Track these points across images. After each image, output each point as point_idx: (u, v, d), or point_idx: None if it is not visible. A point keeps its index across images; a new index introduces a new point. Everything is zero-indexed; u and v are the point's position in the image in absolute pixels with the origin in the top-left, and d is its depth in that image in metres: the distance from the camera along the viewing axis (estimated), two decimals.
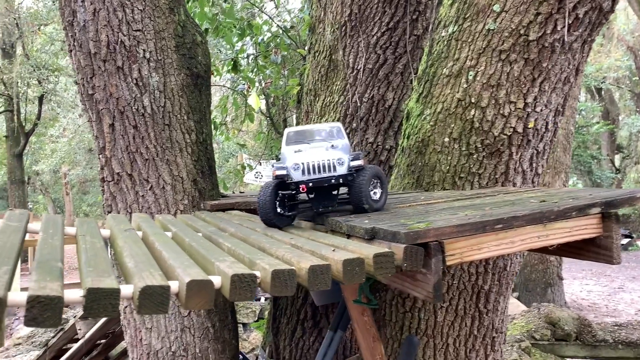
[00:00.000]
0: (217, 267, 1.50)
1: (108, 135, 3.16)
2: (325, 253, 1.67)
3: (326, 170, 2.19)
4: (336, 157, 2.21)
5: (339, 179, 2.19)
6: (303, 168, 2.20)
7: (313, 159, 2.20)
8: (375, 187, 2.30)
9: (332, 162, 2.19)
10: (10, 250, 1.43)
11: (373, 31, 4.27)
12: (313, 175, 2.20)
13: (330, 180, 2.18)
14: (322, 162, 2.19)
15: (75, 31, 3.05)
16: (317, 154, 2.24)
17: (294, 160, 2.23)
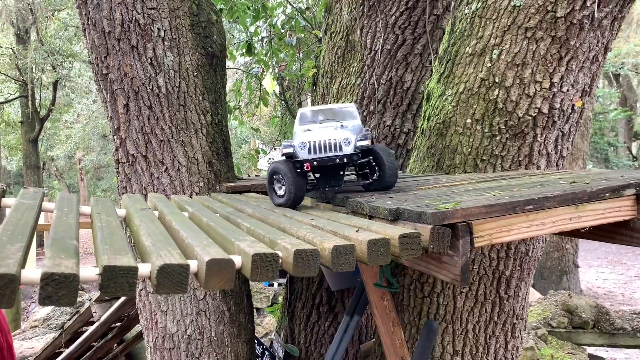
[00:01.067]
0: (237, 246, 1.44)
1: (122, 115, 3.11)
2: (348, 233, 1.60)
3: (332, 149, 2.17)
4: (343, 136, 2.18)
5: (343, 158, 2.17)
6: (309, 147, 2.18)
7: (319, 138, 2.18)
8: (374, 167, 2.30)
9: (338, 141, 2.17)
10: (24, 228, 1.38)
11: (392, 11, 4.16)
12: (318, 154, 2.18)
13: (335, 160, 2.17)
14: (328, 141, 2.17)
15: (89, 9, 2.99)
16: (324, 133, 2.21)
17: (301, 138, 2.21)
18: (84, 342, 5.29)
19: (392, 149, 4.26)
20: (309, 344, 4.57)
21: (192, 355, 3.36)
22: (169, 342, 3.37)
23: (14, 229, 1.34)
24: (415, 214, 1.68)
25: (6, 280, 1.05)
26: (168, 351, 3.38)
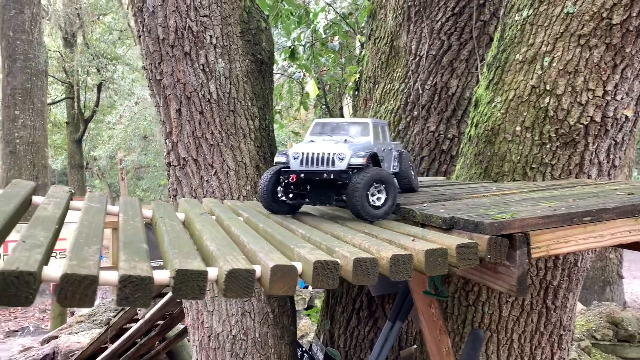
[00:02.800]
0: (297, 253, 1.47)
1: (175, 120, 3.20)
2: (404, 242, 1.62)
3: (323, 163, 2.03)
4: (338, 151, 2.03)
5: (331, 174, 2.01)
6: (302, 158, 2.07)
7: (314, 150, 2.06)
8: (380, 192, 2.06)
9: (331, 155, 2.02)
10: (96, 230, 1.45)
11: (437, 16, 4.15)
12: (309, 167, 2.06)
13: (322, 174, 2.02)
14: (321, 155, 2.04)
15: (145, 17, 3.09)
16: (323, 146, 2.09)
17: (297, 149, 2.11)
18: (129, 339, 5.44)
19: (436, 155, 4.24)
20: (349, 348, 4.58)
21: (237, 356, 3.42)
22: (214, 342, 3.44)
23: (88, 232, 1.41)
24: (472, 223, 1.69)
25: (89, 282, 1.11)
26: (213, 350, 3.46)
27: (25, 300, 1.06)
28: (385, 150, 2.43)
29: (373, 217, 2.02)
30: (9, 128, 13.95)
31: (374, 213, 2.02)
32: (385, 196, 2.06)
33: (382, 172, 2.05)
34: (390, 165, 2.51)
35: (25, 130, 14.12)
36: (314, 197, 2.14)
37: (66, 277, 1.09)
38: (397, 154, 2.62)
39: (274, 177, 2.14)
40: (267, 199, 2.17)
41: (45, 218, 1.45)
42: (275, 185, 2.16)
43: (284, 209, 2.24)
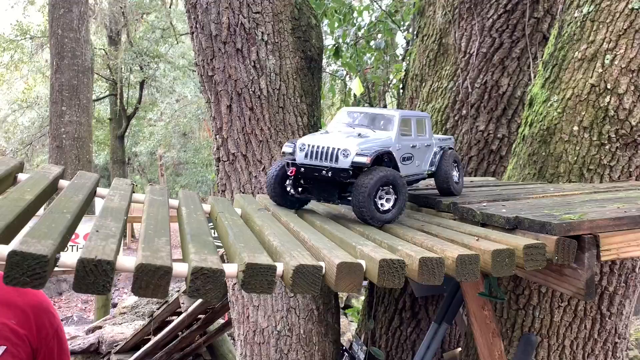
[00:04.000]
0: (360, 250, 1.45)
1: (225, 116, 3.23)
2: (467, 242, 1.58)
3: (327, 158, 1.89)
4: (343, 146, 1.87)
5: (329, 171, 1.88)
6: (307, 150, 1.93)
7: (321, 143, 1.92)
8: (388, 194, 1.90)
9: (336, 150, 1.88)
10: (163, 223, 1.46)
11: (489, 13, 4.07)
12: (311, 161, 1.93)
13: (321, 171, 1.89)
14: (327, 149, 1.90)
15: (198, 13, 3.13)
16: (332, 138, 1.95)
17: (305, 140, 1.97)
18: (171, 331, 5.53)
19: (484, 155, 4.16)
20: (390, 348, 4.54)
21: (281, 351, 3.43)
22: (259, 337, 3.46)
23: (155, 224, 1.43)
24: (538, 223, 1.64)
25: (162, 272, 1.12)
26: (258, 345, 3.47)
27: (102, 288, 1.07)
28: (418, 147, 2.22)
29: (380, 221, 1.87)
30: (56, 123, 14.39)
31: (381, 218, 1.87)
32: (394, 199, 1.91)
33: (391, 174, 1.88)
34: (424, 163, 2.31)
35: (72, 126, 14.52)
36: (317, 194, 2.03)
37: (141, 267, 1.10)
38: (438, 151, 2.40)
39: (281, 169, 2.02)
40: (273, 191, 2.06)
41: (114, 209, 1.48)
42: (283, 177, 2.04)
43: (291, 203, 2.12)
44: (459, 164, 2.48)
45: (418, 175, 2.28)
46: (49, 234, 1.14)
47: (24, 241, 1.06)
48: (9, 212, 1.20)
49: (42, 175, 1.61)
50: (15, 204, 1.27)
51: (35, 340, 1.73)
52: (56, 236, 1.15)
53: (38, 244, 1.06)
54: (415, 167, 2.23)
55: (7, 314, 1.66)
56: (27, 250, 1.02)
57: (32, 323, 1.72)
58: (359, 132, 2.04)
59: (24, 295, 1.74)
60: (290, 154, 2.00)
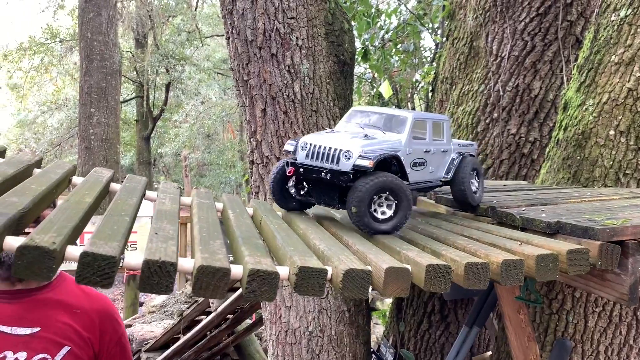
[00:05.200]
0: (405, 255, 1.48)
1: (260, 119, 3.29)
2: (510, 246, 1.60)
3: (328, 159, 1.78)
4: (346, 147, 1.75)
5: (328, 174, 1.76)
6: (309, 150, 1.83)
7: (323, 143, 1.81)
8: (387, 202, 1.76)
9: (338, 152, 1.76)
10: (214, 225, 1.51)
11: (521, 17, 4.05)
12: (312, 161, 1.82)
13: (320, 172, 1.78)
14: (328, 149, 1.78)
15: (234, 19, 3.19)
16: (335, 138, 1.83)
17: (307, 138, 1.87)
18: (200, 331, 5.62)
19: (516, 158, 4.15)
20: (418, 351, 4.55)
21: (312, 352, 3.47)
22: (291, 337, 3.50)
23: (208, 227, 1.48)
24: (580, 228, 1.65)
25: (222, 274, 1.17)
26: (290, 345, 3.52)
27: (165, 288, 1.12)
28: (433, 152, 2.07)
29: (375, 231, 1.73)
30: (84, 125, 14.67)
31: (377, 227, 1.73)
32: (393, 209, 1.76)
33: (391, 180, 1.73)
34: (439, 169, 2.16)
35: (100, 127, 14.79)
36: (317, 196, 1.91)
37: (202, 268, 1.15)
38: (457, 157, 2.23)
39: (282, 168, 1.91)
40: (275, 192, 1.97)
41: (167, 212, 1.53)
42: (284, 177, 1.93)
43: (293, 205, 2.02)
44: (480, 173, 2.32)
45: (431, 183, 2.14)
46: (113, 236, 1.19)
47: (93, 243, 1.12)
48: (74, 214, 1.26)
49: (96, 179, 1.67)
50: (77, 206, 1.34)
51: (97, 344, 1.82)
52: (120, 238, 1.20)
53: (106, 245, 1.12)
54: (429, 174, 2.09)
55: (74, 316, 1.76)
56: (97, 251, 1.07)
57: (97, 328, 1.82)
58: (367, 133, 1.92)
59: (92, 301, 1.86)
60: (292, 153, 1.91)
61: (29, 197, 1.30)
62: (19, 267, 1.03)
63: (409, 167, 1.92)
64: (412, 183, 1.96)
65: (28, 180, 1.47)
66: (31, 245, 1.03)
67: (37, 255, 1.03)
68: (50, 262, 1.04)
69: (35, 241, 1.04)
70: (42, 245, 1.03)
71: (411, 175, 1.95)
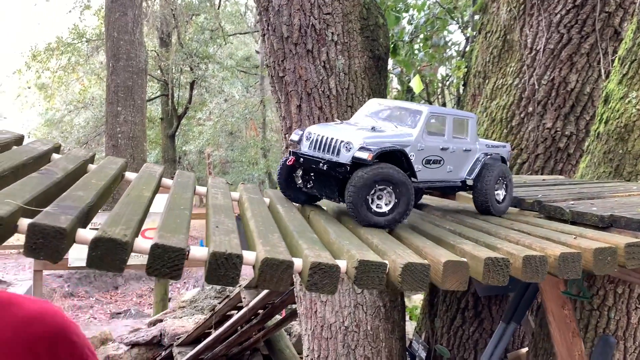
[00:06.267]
0: (461, 249, 1.48)
1: (295, 115, 3.30)
2: (565, 240, 1.58)
3: (329, 150, 1.73)
4: (347, 139, 1.69)
5: (325, 164, 1.71)
6: (312, 139, 1.79)
7: (326, 134, 1.76)
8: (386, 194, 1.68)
9: (339, 143, 1.70)
10: (269, 219, 1.53)
11: (557, 9, 3.99)
12: (312, 151, 1.78)
13: (318, 163, 1.72)
14: (330, 140, 1.73)
15: (270, 16, 3.20)
16: (340, 130, 1.78)
17: (312, 129, 1.83)
18: (232, 326, 5.67)
19: (552, 153, 4.09)
20: (452, 347, 4.52)
21: (348, 347, 3.48)
22: (327, 332, 3.51)
23: (263, 221, 1.50)
24: (636, 222, 1.62)
25: (285, 266, 1.18)
26: (325, 340, 3.53)
27: (232, 280, 1.14)
28: (452, 150, 1.95)
29: (367, 223, 1.65)
30: (112, 123, 14.88)
31: (373, 220, 1.65)
32: (393, 201, 1.67)
33: (392, 172, 1.65)
34: (460, 169, 2.03)
35: (127, 126, 14.98)
36: (319, 189, 1.85)
37: (266, 261, 1.16)
38: (483, 158, 2.06)
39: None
40: (281, 184, 1.93)
41: (222, 206, 1.55)
42: (291, 169, 1.89)
43: (300, 197, 1.98)
44: (508, 181, 2.12)
45: (449, 183, 2.00)
46: (178, 229, 1.22)
47: (161, 235, 1.14)
48: (137, 208, 1.29)
49: (150, 175, 1.70)
50: (139, 200, 1.36)
51: None
52: (184, 230, 1.23)
53: (173, 237, 1.14)
54: (446, 173, 1.96)
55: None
56: (167, 243, 1.09)
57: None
58: (377, 125, 1.84)
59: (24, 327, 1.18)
60: (298, 143, 1.87)
61: (92, 192, 1.33)
62: (93, 259, 1.05)
63: (420, 163, 1.84)
64: (423, 181, 1.86)
65: (87, 175, 1.50)
66: (105, 238, 1.05)
67: (110, 247, 1.05)
68: (122, 254, 1.06)
69: (108, 233, 1.07)
70: (115, 237, 1.06)
71: (422, 172, 1.86)
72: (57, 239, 1.02)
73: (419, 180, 1.84)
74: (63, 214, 1.11)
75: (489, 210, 2.03)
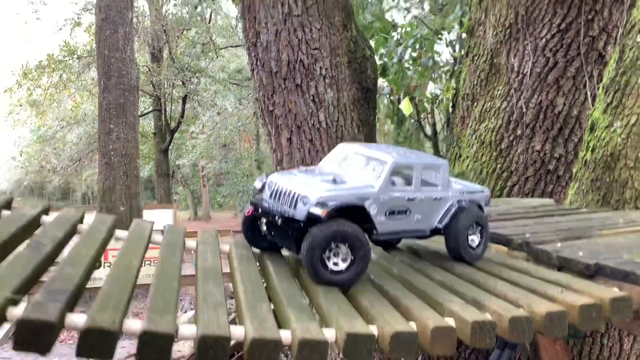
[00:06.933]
0: (449, 309, 1.49)
1: (286, 148, 3.32)
2: (552, 293, 1.60)
3: (286, 202, 1.70)
4: (304, 192, 1.65)
5: (280, 218, 1.69)
6: (272, 189, 1.76)
7: (287, 185, 1.73)
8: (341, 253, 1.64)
9: (296, 196, 1.67)
10: (258, 283, 1.54)
11: (542, 33, 4.04)
12: (271, 202, 1.75)
13: (274, 216, 1.72)
14: (289, 192, 1.70)
15: (258, 51, 3.23)
16: (299, 180, 1.75)
17: (274, 177, 1.79)
18: None
19: (541, 175, 4.12)
20: None
21: None
22: None
23: (251, 285, 1.51)
24: (620, 272, 1.65)
25: (273, 346, 1.19)
26: None
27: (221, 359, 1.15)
28: (420, 199, 1.89)
29: (330, 283, 1.61)
30: (104, 140, 14.85)
31: (331, 279, 1.62)
32: (350, 259, 1.64)
33: (345, 230, 1.61)
34: (430, 218, 1.95)
35: (119, 143, 14.95)
36: (279, 239, 1.79)
37: (255, 341, 1.18)
38: (454, 206, 2.00)
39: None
40: (245, 230, 1.92)
41: (211, 270, 1.56)
42: (254, 217, 1.87)
43: (262, 244, 1.94)
44: (484, 227, 2.05)
45: (416, 232, 1.95)
46: (167, 308, 1.23)
47: (151, 319, 1.15)
48: (126, 283, 1.30)
49: (139, 236, 1.71)
50: (128, 273, 1.37)
51: None
52: (173, 309, 1.24)
53: (162, 320, 1.15)
54: (413, 223, 1.90)
55: None
56: (156, 329, 1.10)
57: None
58: (339, 176, 1.78)
59: None
60: (260, 191, 1.83)
61: (82, 266, 1.34)
62: (84, 349, 1.06)
63: (383, 215, 1.78)
64: (387, 232, 1.81)
65: (77, 244, 1.51)
66: (95, 329, 1.06)
67: (100, 337, 1.06)
68: (112, 342, 1.07)
69: (98, 322, 1.08)
70: (105, 326, 1.07)
71: (384, 224, 1.79)
72: (46, 333, 1.03)
73: (381, 232, 1.79)
74: (52, 301, 1.12)
75: (462, 256, 1.99)
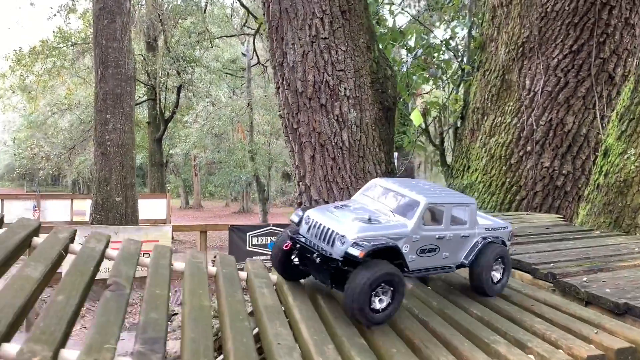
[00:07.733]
0: (496, 351, 1.61)
1: (309, 165, 3.42)
2: (587, 334, 1.72)
3: (324, 239, 1.76)
4: (342, 231, 1.72)
5: (318, 257, 1.76)
6: (310, 224, 1.83)
7: (324, 221, 1.79)
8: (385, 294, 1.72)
9: (334, 234, 1.74)
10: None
11: (554, 53, 4.16)
12: (309, 237, 1.82)
13: (312, 253, 1.78)
14: (327, 229, 1.77)
15: (285, 71, 3.31)
16: (337, 217, 1.80)
17: (311, 213, 1.86)
18: None
19: (549, 190, 4.26)
20: None
21: None
22: None
23: (313, 325, 1.61)
24: None
25: None
26: None
27: None
28: (449, 238, 1.96)
29: (371, 322, 1.70)
30: (100, 131, 14.78)
31: (373, 318, 1.70)
32: (389, 300, 1.73)
33: (387, 273, 1.69)
34: (457, 254, 2.04)
35: (115, 133, 14.88)
36: (314, 272, 1.88)
37: None
38: (480, 242, 2.08)
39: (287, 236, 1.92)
40: (276, 263, 1.98)
41: (272, 308, 1.66)
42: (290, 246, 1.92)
43: (294, 274, 2.00)
44: (506, 262, 2.14)
45: (443, 268, 2.02)
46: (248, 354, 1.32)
47: None
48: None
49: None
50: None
51: None
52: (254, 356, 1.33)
53: None
54: (441, 260, 1.98)
55: None
56: None
57: None
58: (374, 214, 1.84)
59: None
60: (297, 224, 1.90)
61: (163, 310, 1.43)
62: None
63: (414, 253, 1.86)
64: (417, 270, 1.90)
65: (149, 284, 1.60)
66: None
67: None
68: None
69: None
70: None
71: (415, 262, 1.87)
72: None
73: (412, 270, 1.87)
74: (152, 352, 1.22)
75: (484, 291, 2.08)
